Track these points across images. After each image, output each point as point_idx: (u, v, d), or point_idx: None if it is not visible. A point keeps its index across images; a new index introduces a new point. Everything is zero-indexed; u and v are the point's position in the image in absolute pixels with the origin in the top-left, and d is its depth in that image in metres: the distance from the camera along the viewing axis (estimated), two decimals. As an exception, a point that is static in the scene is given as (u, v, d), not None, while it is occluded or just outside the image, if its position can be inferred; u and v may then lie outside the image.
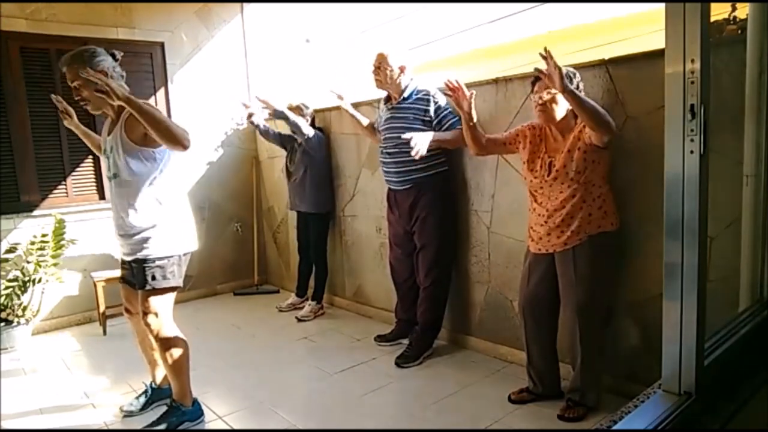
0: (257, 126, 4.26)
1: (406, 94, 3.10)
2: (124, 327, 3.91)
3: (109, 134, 2.41)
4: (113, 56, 2.37)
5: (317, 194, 4.08)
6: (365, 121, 3.51)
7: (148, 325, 2.43)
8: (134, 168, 2.33)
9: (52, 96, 2.61)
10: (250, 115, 4.20)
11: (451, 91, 2.49)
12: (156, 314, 2.42)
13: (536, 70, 2.08)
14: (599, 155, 2.26)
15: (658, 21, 1.17)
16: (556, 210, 2.33)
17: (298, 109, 4.02)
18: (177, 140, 2.14)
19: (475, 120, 2.53)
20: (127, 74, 2.40)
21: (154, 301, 2.42)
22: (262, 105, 3.91)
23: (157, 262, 2.40)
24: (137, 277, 2.43)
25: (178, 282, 2.48)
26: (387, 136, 3.14)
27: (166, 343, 2.45)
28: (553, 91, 2.22)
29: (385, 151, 3.19)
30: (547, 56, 2.00)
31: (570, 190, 2.28)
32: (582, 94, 2.13)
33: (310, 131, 3.92)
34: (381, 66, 3.08)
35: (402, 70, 3.09)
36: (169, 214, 2.43)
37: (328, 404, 2.76)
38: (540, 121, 2.35)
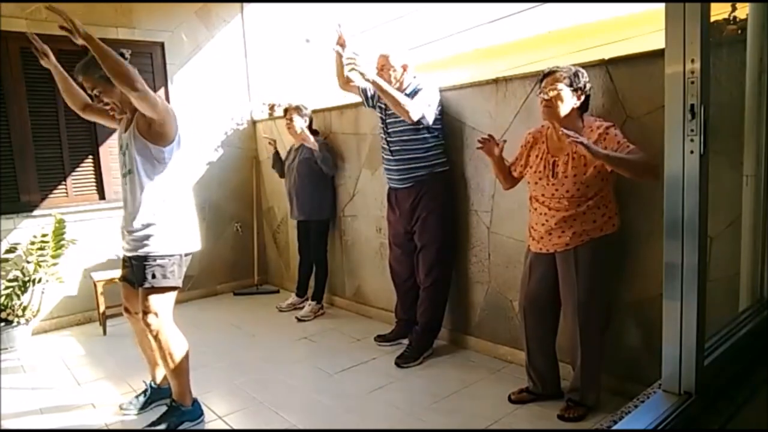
0: (277, 162, 4.36)
1: (408, 92, 3.09)
2: (124, 327, 3.91)
3: (125, 132, 2.45)
4: (122, 56, 2.39)
5: (317, 201, 4.08)
6: (353, 80, 3.33)
7: (147, 324, 2.43)
8: (144, 165, 2.37)
9: (27, 33, 2.49)
10: (276, 154, 4.34)
11: (482, 143, 2.51)
12: (156, 314, 2.43)
13: (570, 141, 2.13)
14: (611, 174, 2.26)
15: (658, 21, 1.17)
16: (559, 210, 2.33)
17: (297, 110, 4.01)
18: (127, 79, 2.14)
19: (507, 164, 2.58)
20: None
21: (154, 301, 2.42)
22: (300, 137, 3.94)
23: (158, 261, 2.41)
24: (137, 274, 2.44)
25: (178, 282, 2.48)
26: (391, 130, 3.14)
27: (166, 343, 2.45)
28: (560, 87, 2.23)
29: (387, 149, 3.19)
30: (565, 135, 2.11)
31: (576, 199, 2.28)
32: (616, 153, 2.12)
33: (330, 165, 3.97)
34: (384, 67, 3.08)
35: (405, 68, 3.09)
36: (173, 213, 2.45)
37: (329, 404, 2.76)
38: (544, 117, 2.35)
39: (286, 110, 4.06)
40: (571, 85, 2.24)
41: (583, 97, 2.28)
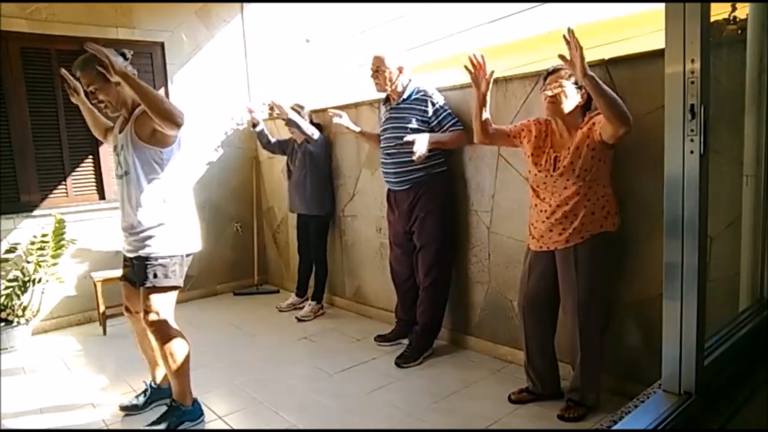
0: (261, 136, 4.31)
1: (405, 95, 3.10)
2: (124, 327, 3.92)
3: (120, 132, 2.44)
4: (123, 55, 2.40)
5: (318, 196, 4.08)
6: (373, 133, 3.47)
7: (149, 324, 2.43)
8: (143, 166, 2.36)
9: (62, 70, 2.49)
10: (254, 125, 4.25)
11: (473, 67, 2.44)
12: (157, 313, 2.43)
13: (560, 56, 2.06)
14: (605, 154, 2.26)
15: (658, 21, 1.17)
16: (559, 206, 2.33)
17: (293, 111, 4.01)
18: (170, 117, 2.17)
19: (488, 103, 2.51)
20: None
21: (155, 300, 2.42)
22: (276, 112, 3.89)
23: (160, 261, 2.40)
24: (138, 274, 2.43)
25: (179, 282, 2.48)
26: (386, 136, 3.15)
27: (167, 343, 2.45)
28: (564, 84, 2.23)
29: (384, 151, 3.19)
30: (570, 39, 1.96)
31: (575, 188, 2.28)
32: (602, 82, 2.09)
33: (316, 134, 3.93)
34: (379, 69, 3.08)
35: (400, 70, 3.09)
36: (174, 214, 2.45)
37: (328, 404, 2.76)
38: (548, 114, 2.35)
39: (271, 109, 4.05)
40: (575, 83, 2.25)
41: (586, 95, 2.29)
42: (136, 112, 2.36)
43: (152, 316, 2.42)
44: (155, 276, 2.40)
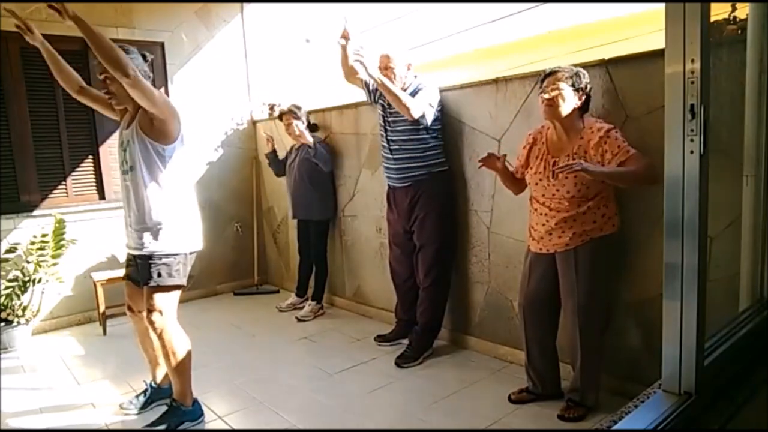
0: (275, 164, 4.35)
1: (409, 92, 3.09)
2: (124, 327, 3.92)
3: (127, 128, 2.44)
4: (144, 57, 2.42)
5: (318, 202, 4.08)
6: (357, 71, 3.19)
7: (152, 323, 2.43)
8: (147, 161, 2.37)
9: (4, 7, 2.42)
10: (273, 152, 4.33)
11: (481, 161, 2.52)
12: (160, 312, 2.43)
13: (582, 168, 2.10)
14: None
15: (658, 21, 1.17)
16: (559, 211, 2.33)
17: (291, 113, 4.00)
18: (120, 66, 2.15)
19: (511, 170, 2.58)
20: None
21: (159, 299, 2.43)
22: (298, 137, 3.90)
23: (164, 260, 2.41)
24: (142, 272, 2.44)
25: (183, 281, 2.49)
26: (390, 128, 3.14)
27: (169, 342, 2.45)
28: (561, 86, 2.23)
29: (387, 147, 3.19)
30: (564, 171, 2.10)
31: (577, 200, 2.28)
32: (611, 168, 2.14)
33: (327, 161, 3.97)
34: (388, 66, 3.08)
35: (408, 68, 3.10)
36: (178, 212, 2.45)
37: (328, 404, 2.76)
38: (545, 117, 2.34)
39: (281, 115, 4.07)
40: (572, 86, 2.24)
41: (584, 98, 2.28)
42: (141, 109, 2.37)
43: (155, 315, 2.43)
44: (159, 275, 2.41)
